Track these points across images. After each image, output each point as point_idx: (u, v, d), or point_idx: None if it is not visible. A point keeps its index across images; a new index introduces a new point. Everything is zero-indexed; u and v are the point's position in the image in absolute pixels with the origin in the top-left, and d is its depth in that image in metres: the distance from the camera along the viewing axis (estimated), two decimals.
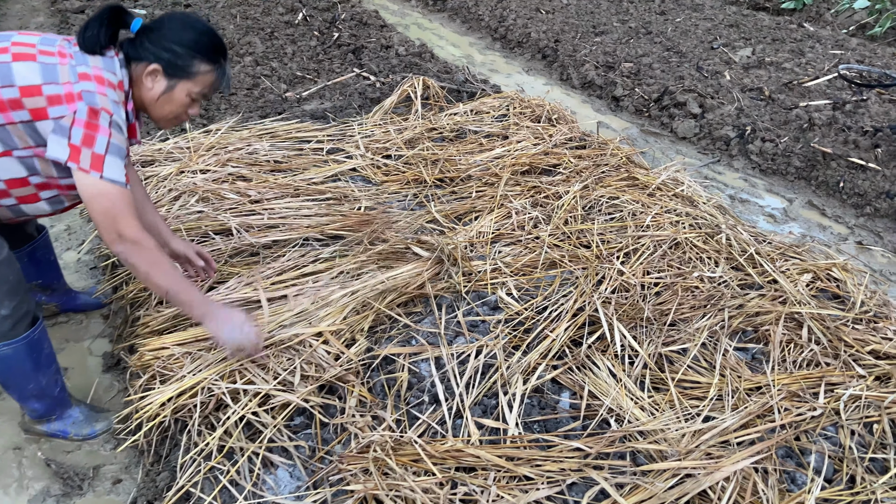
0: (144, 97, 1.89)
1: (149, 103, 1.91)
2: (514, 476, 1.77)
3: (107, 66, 1.78)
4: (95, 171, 1.71)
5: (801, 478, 1.81)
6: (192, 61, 1.86)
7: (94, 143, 1.70)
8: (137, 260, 1.82)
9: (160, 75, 1.86)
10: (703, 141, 4.51)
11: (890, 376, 2.12)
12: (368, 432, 1.87)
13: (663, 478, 1.75)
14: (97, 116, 1.70)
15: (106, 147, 1.72)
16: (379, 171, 3.40)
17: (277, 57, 5.35)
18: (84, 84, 1.71)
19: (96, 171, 1.71)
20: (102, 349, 2.58)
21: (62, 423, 2.16)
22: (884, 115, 4.43)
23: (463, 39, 6.99)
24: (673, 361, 2.21)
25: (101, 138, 1.71)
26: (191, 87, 1.89)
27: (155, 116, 1.95)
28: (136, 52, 1.84)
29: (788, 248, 2.84)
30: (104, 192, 1.73)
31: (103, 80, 1.75)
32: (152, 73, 1.85)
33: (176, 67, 1.85)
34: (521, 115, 4.03)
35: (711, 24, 6.96)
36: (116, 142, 1.75)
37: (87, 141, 1.70)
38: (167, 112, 1.93)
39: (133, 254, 1.81)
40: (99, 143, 1.71)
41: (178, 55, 1.84)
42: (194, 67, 1.87)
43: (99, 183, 1.72)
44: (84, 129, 1.69)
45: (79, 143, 1.69)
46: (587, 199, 3.09)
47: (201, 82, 1.90)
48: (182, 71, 1.86)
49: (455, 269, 2.52)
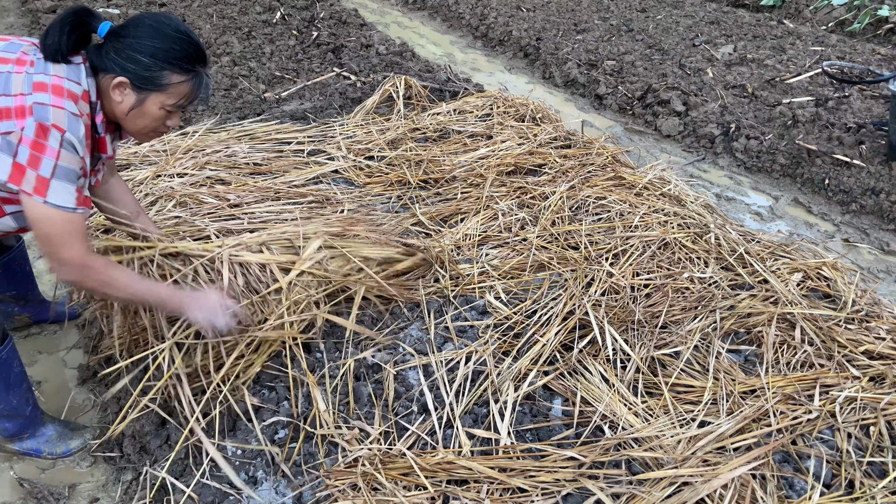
0: (115, 110, 1.75)
1: (120, 117, 1.76)
2: (507, 488, 1.71)
3: (70, 75, 1.64)
4: (39, 195, 1.59)
5: (800, 483, 1.77)
6: (162, 73, 1.69)
7: (39, 165, 1.57)
8: (90, 283, 1.73)
9: (128, 88, 1.70)
10: (687, 139, 4.49)
11: (884, 377, 2.09)
12: (356, 445, 1.81)
13: (660, 486, 1.71)
14: (46, 135, 1.57)
15: (52, 170, 1.59)
16: (361, 172, 3.34)
17: (255, 57, 5.25)
18: (38, 96, 1.57)
19: (39, 195, 1.59)
20: (77, 361, 2.49)
21: (35, 442, 2.07)
22: (866, 112, 4.44)
23: (444, 38, 6.93)
24: (666, 365, 2.17)
25: (48, 161, 1.58)
26: (163, 99, 1.73)
27: (130, 130, 1.81)
28: (102, 62, 1.68)
29: (777, 247, 2.81)
30: (47, 217, 1.62)
31: (62, 90, 1.61)
32: (119, 85, 1.69)
33: (144, 79, 1.69)
34: (504, 115, 3.98)
35: (692, 21, 6.96)
36: (65, 164, 1.61)
37: (32, 162, 1.57)
38: (141, 126, 1.78)
39: (83, 278, 1.71)
40: (44, 165, 1.58)
41: (147, 66, 1.67)
42: (165, 79, 1.70)
43: (41, 207, 1.60)
44: (31, 149, 1.56)
45: (24, 162, 1.56)
46: (574, 199, 3.04)
47: (175, 94, 1.74)
48: (151, 83, 1.70)
49: (443, 273, 2.46)
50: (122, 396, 2.22)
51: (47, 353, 2.54)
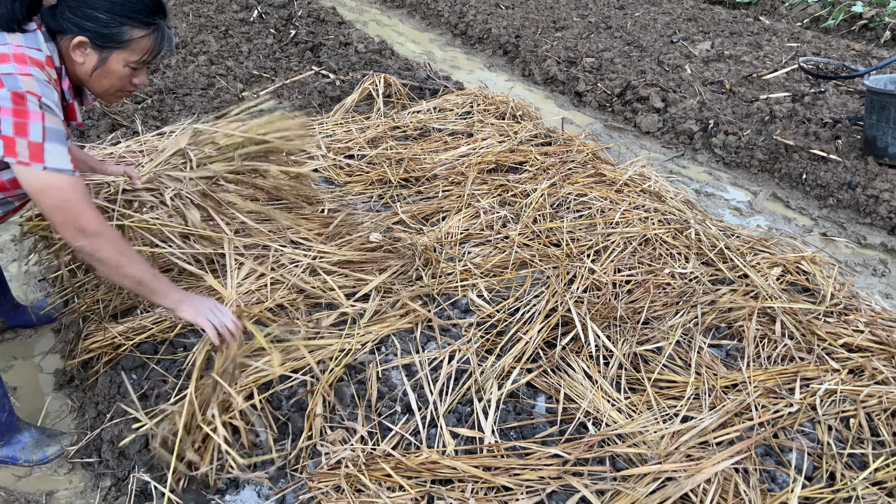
0: (78, 72, 1.69)
1: (84, 78, 1.71)
2: (492, 487, 1.70)
3: (28, 43, 1.59)
4: (36, 161, 1.54)
5: (782, 476, 1.78)
6: (121, 28, 1.64)
7: (27, 131, 1.52)
8: (105, 253, 1.65)
9: (89, 48, 1.65)
10: (666, 135, 4.51)
11: (863, 369, 2.11)
12: (339, 447, 1.79)
13: (644, 482, 1.71)
14: (24, 101, 1.52)
15: (42, 133, 1.54)
16: (342, 171, 3.31)
17: (233, 55, 5.20)
18: (3, 67, 1.52)
19: (37, 161, 1.54)
20: (54, 366, 2.44)
21: (11, 449, 2.03)
22: (842, 107, 4.49)
23: (423, 36, 6.91)
24: (648, 361, 2.17)
25: (35, 124, 1.53)
26: (126, 56, 1.68)
27: (96, 92, 1.76)
28: (59, 24, 1.63)
29: (757, 242, 2.83)
30: (52, 184, 1.56)
31: (25, 58, 1.55)
32: (79, 45, 1.64)
33: (104, 37, 1.64)
34: (485, 112, 3.97)
35: (670, 17, 7.01)
36: (52, 125, 1.56)
37: (19, 130, 1.52)
38: (107, 86, 1.73)
39: (99, 247, 1.64)
40: (33, 130, 1.53)
41: (105, 23, 1.62)
42: (126, 34, 1.65)
43: (44, 175, 1.55)
44: (13, 116, 1.51)
45: (11, 132, 1.51)
46: (555, 196, 3.04)
47: (138, 49, 1.69)
48: (112, 40, 1.65)
49: (425, 270, 2.45)
50: (100, 401, 2.18)
51: (22, 359, 2.49)
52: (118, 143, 3.45)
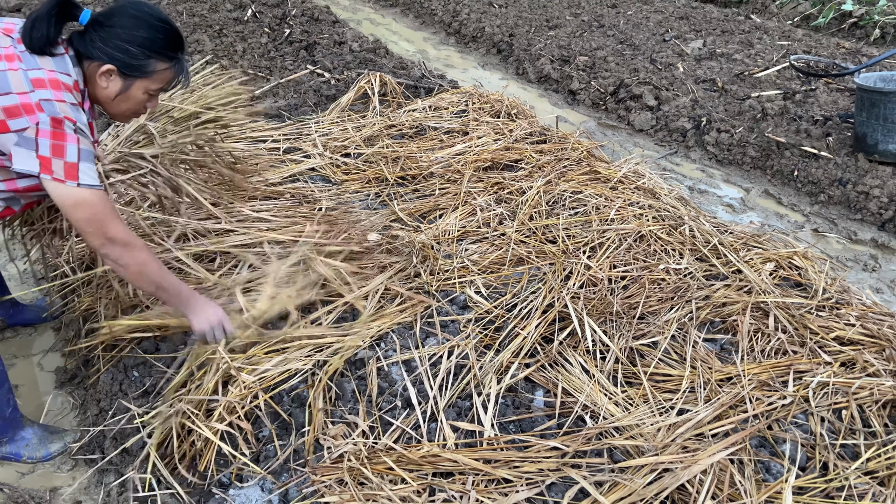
0: (99, 95, 1.81)
1: (104, 101, 1.83)
2: (492, 479, 1.73)
3: (59, 67, 1.69)
4: (71, 179, 1.67)
5: (776, 467, 1.82)
6: (148, 60, 1.78)
7: (64, 152, 1.65)
8: (129, 260, 1.79)
9: (115, 75, 1.77)
10: (659, 133, 4.55)
11: (855, 362, 2.15)
12: (341, 441, 1.81)
13: (641, 474, 1.74)
14: (61, 126, 1.64)
15: (77, 154, 1.67)
16: (339, 170, 3.33)
17: (227, 55, 5.21)
18: (41, 92, 1.63)
19: (72, 179, 1.67)
20: (54, 364, 2.46)
21: (14, 446, 2.05)
22: (832, 104, 4.54)
23: (417, 35, 6.93)
24: (644, 355, 2.21)
25: (71, 147, 1.66)
26: (148, 84, 1.82)
27: (111, 113, 1.88)
28: (87, 50, 1.75)
29: (750, 238, 2.87)
30: (84, 199, 1.70)
31: (59, 84, 1.67)
32: (106, 72, 1.76)
33: (131, 67, 1.77)
34: (480, 111, 4.00)
35: (662, 16, 7.05)
36: (85, 147, 1.69)
37: (56, 151, 1.64)
38: (124, 109, 1.86)
39: (123, 255, 1.78)
40: (69, 151, 1.66)
41: (133, 55, 1.75)
42: (151, 66, 1.79)
43: (77, 191, 1.68)
44: (51, 139, 1.63)
45: (48, 153, 1.64)
46: (551, 193, 3.07)
47: (159, 79, 1.83)
48: (138, 70, 1.78)
49: (423, 268, 2.47)
50: (102, 398, 2.20)
51: (23, 357, 2.51)
52: None
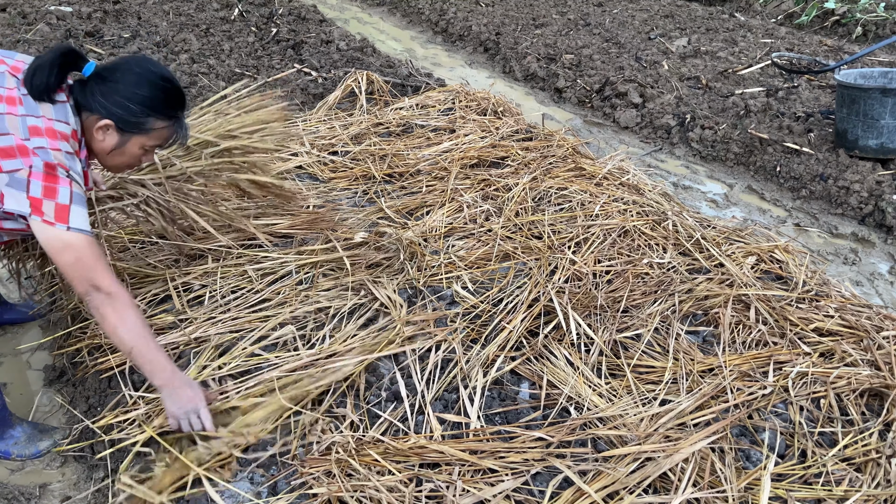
0: (95, 147, 1.81)
1: (99, 153, 1.83)
2: (478, 469, 1.76)
3: (58, 116, 1.69)
4: (61, 222, 1.64)
5: (756, 455, 1.85)
6: (146, 119, 1.78)
7: (56, 194, 1.64)
8: (108, 311, 1.71)
9: (112, 130, 1.77)
10: (644, 130, 4.59)
11: (833, 352, 2.20)
12: (329, 434, 1.84)
13: (625, 462, 1.77)
14: (54, 170, 1.64)
15: (69, 197, 1.65)
16: (326, 167, 3.35)
17: (214, 54, 5.21)
18: (36, 140, 1.63)
19: (62, 222, 1.65)
20: (43, 362, 2.47)
21: (3, 444, 2.05)
22: (814, 101, 4.60)
23: (404, 33, 6.95)
24: (628, 347, 2.24)
25: (63, 189, 1.65)
26: (144, 141, 1.82)
27: (105, 165, 1.89)
28: (87, 102, 1.75)
29: (732, 232, 2.91)
30: (72, 243, 1.66)
31: (55, 133, 1.66)
32: (104, 127, 1.76)
33: (129, 124, 1.77)
34: (466, 109, 4.03)
35: (647, 14, 7.10)
36: (78, 191, 1.68)
37: (48, 193, 1.63)
38: (118, 163, 1.87)
39: (105, 305, 1.71)
40: (61, 194, 1.64)
41: (132, 112, 1.75)
42: (149, 124, 1.79)
43: (65, 234, 1.65)
44: (43, 181, 1.62)
45: (39, 195, 1.62)
46: (536, 190, 3.11)
47: (156, 137, 1.83)
48: (136, 127, 1.78)
49: (411, 263, 2.50)
50: (91, 395, 2.21)
51: (11, 356, 2.51)
52: None
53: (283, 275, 2.46)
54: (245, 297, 2.35)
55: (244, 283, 2.41)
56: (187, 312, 2.28)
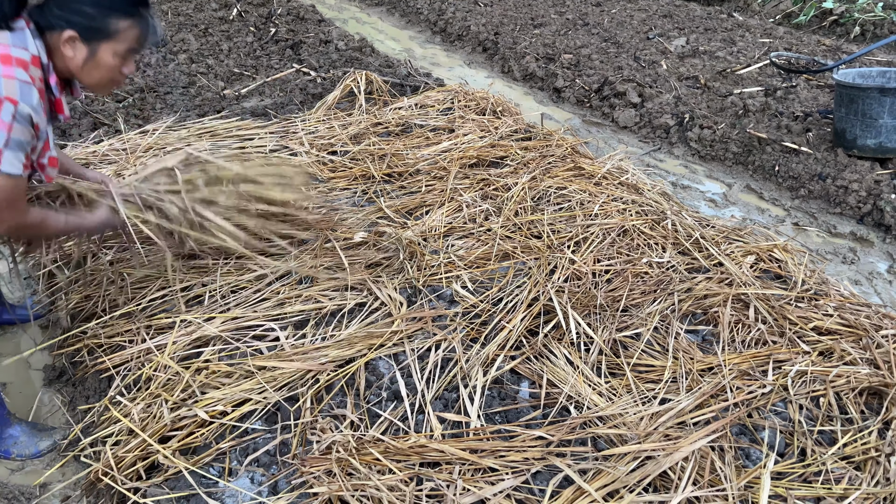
0: (69, 66, 1.77)
1: (75, 72, 1.79)
2: (478, 468, 1.76)
3: (15, 42, 1.65)
4: None
5: (756, 453, 1.86)
6: (107, 20, 1.72)
7: None
8: (28, 232, 1.87)
9: (78, 42, 1.73)
10: (643, 129, 4.60)
11: (832, 351, 2.20)
12: (329, 433, 1.84)
13: (625, 461, 1.78)
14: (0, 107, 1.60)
15: (5, 142, 1.63)
16: (325, 167, 3.35)
17: (213, 54, 5.21)
18: None
19: None
20: (43, 362, 2.46)
21: (3, 444, 2.05)
22: (812, 100, 4.60)
23: (403, 33, 6.95)
24: (627, 346, 2.24)
25: (0, 134, 1.62)
26: (115, 46, 1.77)
27: (87, 84, 1.84)
28: (46, 20, 1.71)
29: (731, 232, 2.92)
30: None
31: (10, 59, 1.62)
32: (69, 40, 1.72)
33: (92, 30, 1.73)
34: (465, 108, 4.03)
35: (646, 14, 7.11)
36: (17, 136, 1.65)
37: None
38: (98, 78, 1.81)
39: (21, 231, 1.84)
40: None
41: (91, 17, 1.71)
42: (112, 26, 1.74)
43: None
44: None
45: None
46: (536, 190, 3.11)
47: (125, 39, 1.78)
48: (100, 33, 1.73)
49: (411, 263, 2.50)
50: (91, 395, 2.21)
51: (10, 356, 2.51)
52: (101, 142, 3.46)
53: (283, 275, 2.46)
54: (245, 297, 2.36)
55: (244, 284, 2.42)
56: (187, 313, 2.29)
